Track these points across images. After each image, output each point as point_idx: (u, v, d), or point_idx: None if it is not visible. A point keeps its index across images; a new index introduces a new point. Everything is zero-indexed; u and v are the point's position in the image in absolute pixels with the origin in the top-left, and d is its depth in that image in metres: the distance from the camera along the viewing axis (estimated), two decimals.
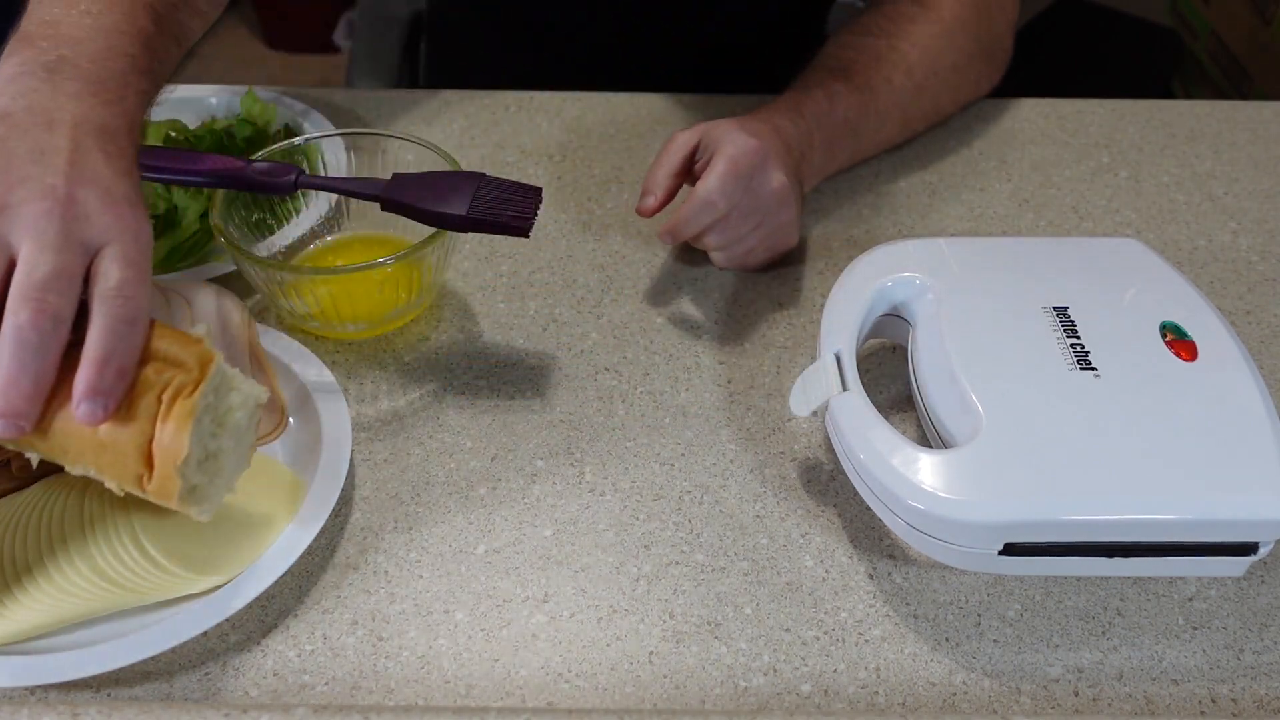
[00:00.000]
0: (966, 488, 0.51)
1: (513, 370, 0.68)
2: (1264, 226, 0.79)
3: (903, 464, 0.53)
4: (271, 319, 0.70)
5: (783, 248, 0.73)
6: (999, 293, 0.60)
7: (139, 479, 0.49)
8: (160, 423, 0.48)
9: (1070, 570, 0.55)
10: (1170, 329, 0.57)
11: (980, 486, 0.51)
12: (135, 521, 0.55)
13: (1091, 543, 0.52)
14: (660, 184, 0.69)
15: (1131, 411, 0.54)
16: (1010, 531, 0.51)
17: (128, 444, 0.48)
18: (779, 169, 0.68)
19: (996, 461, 0.52)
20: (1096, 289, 0.60)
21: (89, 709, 0.48)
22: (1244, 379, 0.55)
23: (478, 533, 0.59)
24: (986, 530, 0.51)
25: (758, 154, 0.67)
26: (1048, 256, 0.63)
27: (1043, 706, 0.52)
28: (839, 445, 0.57)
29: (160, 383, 0.49)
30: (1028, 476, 0.52)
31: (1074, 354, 0.56)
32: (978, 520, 0.51)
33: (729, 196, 0.66)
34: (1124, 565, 0.53)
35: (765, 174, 0.68)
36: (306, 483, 0.57)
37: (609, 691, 0.52)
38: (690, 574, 0.57)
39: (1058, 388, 0.55)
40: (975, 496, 0.51)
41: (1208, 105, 0.91)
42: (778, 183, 0.68)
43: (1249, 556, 0.52)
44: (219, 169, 0.64)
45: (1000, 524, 0.51)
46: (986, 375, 0.56)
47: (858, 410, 0.56)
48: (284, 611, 0.55)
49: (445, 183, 0.64)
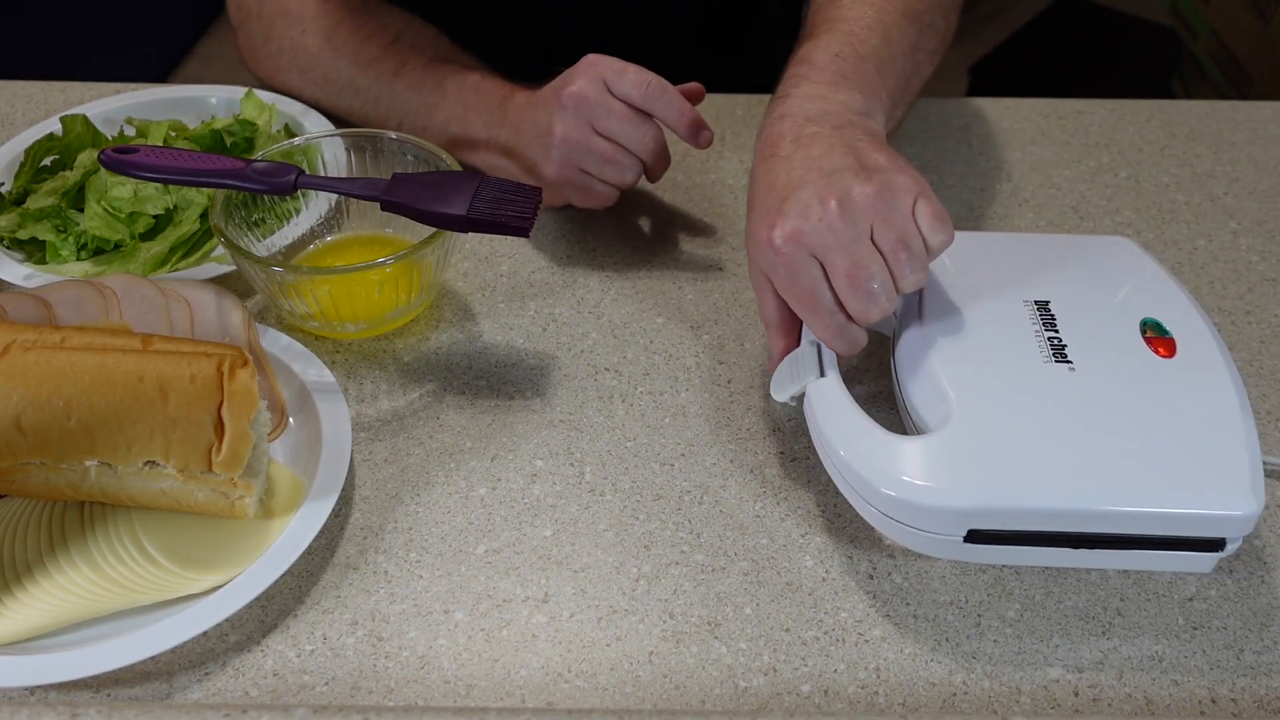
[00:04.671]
0: (931, 473, 0.52)
1: (513, 370, 0.68)
2: (1264, 226, 0.79)
3: (870, 449, 0.53)
4: (271, 319, 0.70)
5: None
6: (983, 285, 0.60)
7: (209, 451, 0.52)
8: (227, 383, 0.53)
9: (1035, 560, 0.55)
10: (1150, 326, 0.58)
11: (945, 473, 0.52)
12: (135, 521, 0.56)
13: (1055, 532, 0.52)
14: (777, 348, 0.61)
15: (1102, 405, 0.54)
16: (973, 518, 0.51)
17: (201, 413, 0.52)
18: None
19: (963, 449, 0.52)
20: (1081, 285, 0.61)
21: (89, 709, 0.48)
22: (1221, 377, 0.55)
23: (478, 533, 0.59)
24: (949, 516, 0.51)
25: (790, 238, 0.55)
26: (1037, 252, 0.64)
27: (1043, 706, 0.52)
28: (814, 431, 0.57)
29: (218, 355, 0.54)
30: (992, 464, 0.52)
31: (1050, 347, 0.56)
32: (941, 506, 0.51)
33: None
34: (1089, 557, 0.53)
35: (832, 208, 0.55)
36: (306, 483, 0.57)
37: (609, 691, 0.52)
38: (690, 574, 0.57)
39: (1030, 379, 0.55)
40: (940, 482, 0.51)
41: (1208, 105, 0.91)
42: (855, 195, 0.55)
43: (1217, 553, 0.53)
44: (219, 169, 0.64)
45: (963, 510, 0.51)
46: (961, 365, 0.56)
47: (833, 396, 0.56)
48: (284, 611, 0.55)
49: (445, 183, 0.64)
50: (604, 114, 0.68)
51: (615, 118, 0.68)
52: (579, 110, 0.68)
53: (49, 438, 0.52)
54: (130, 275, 0.64)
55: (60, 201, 0.73)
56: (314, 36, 0.81)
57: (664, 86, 0.68)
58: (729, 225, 0.79)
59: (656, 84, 0.68)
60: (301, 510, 0.56)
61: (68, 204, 0.73)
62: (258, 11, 0.84)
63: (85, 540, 0.54)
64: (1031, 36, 1.82)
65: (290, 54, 0.82)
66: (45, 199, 0.73)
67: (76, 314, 0.61)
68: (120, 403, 0.52)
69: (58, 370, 0.52)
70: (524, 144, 0.72)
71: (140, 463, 0.53)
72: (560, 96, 0.69)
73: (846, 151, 0.57)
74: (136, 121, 0.81)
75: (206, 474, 0.53)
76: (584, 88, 0.68)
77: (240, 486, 0.54)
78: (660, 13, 0.93)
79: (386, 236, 0.73)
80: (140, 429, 0.52)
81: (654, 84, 0.68)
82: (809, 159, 0.57)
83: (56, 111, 0.82)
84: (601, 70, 0.68)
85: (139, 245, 0.71)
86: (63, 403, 0.52)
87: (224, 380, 0.53)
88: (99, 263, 0.71)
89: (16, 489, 0.55)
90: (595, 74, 0.68)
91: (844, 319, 0.56)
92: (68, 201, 0.73)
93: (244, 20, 0.86)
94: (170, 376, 0.53)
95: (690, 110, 0.69)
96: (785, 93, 0.63)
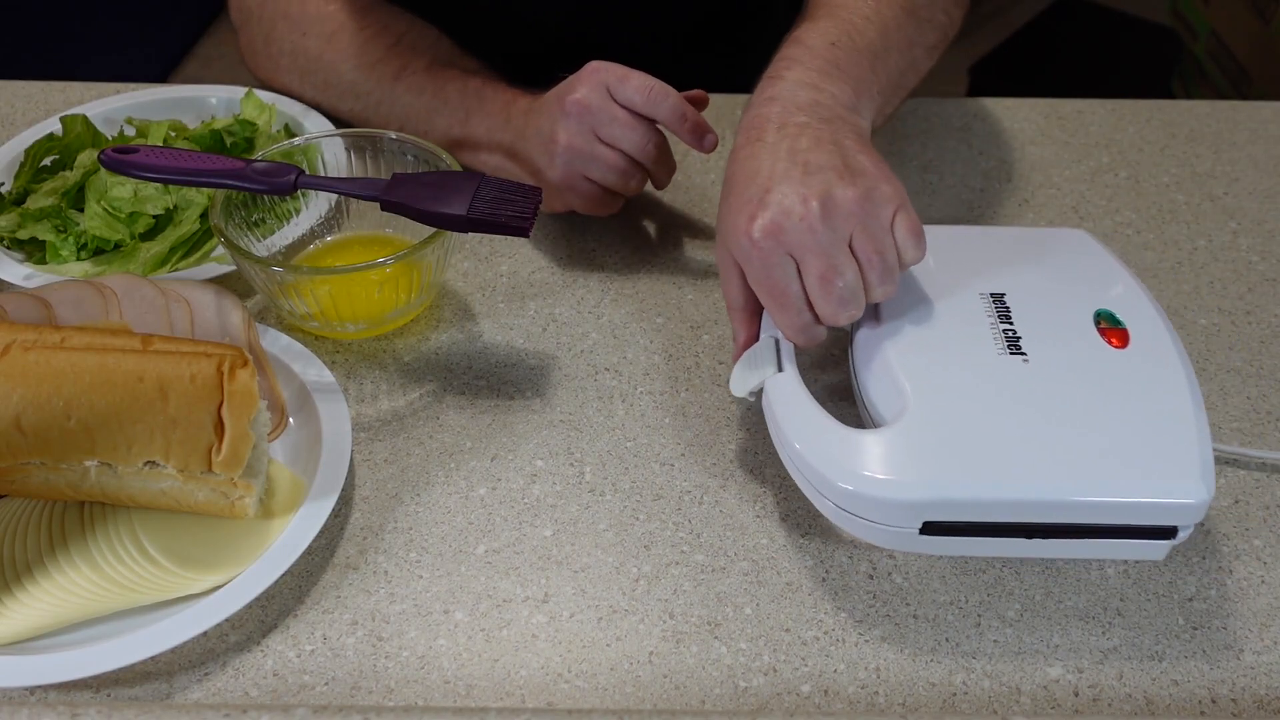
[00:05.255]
0: (886, 467, 0.52)
1: (513, 370, 0.68)
2: (1264, 226, 0.79)
3: (825, 443, 0.53)
4: (271, 319, 0.70)
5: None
6: (939, 279, 0.60)
7: (209, 451, 0.52)
8: (227, 383, 0.53)
9: (990, 551, 0.55)
10: (1104, 317, 0.58)
11: (900, 466, 0.52)
12: (135, 521, 0.56)
13: (1009, 523, 0.53)
14: (741, 335, 0.60)
15: (1055, 395, 0.54)
16: (928, 510, 0.51)
17: (201, 413, 0.52)
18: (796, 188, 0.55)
19: (917, 441, 0.53)
20: (1036, 277, 0.61)
21: (89, 709, 0.48)
22: (1173, 366, 0.56)
23: (478, 533, 0.59)
24: (905, 509, 0.51)
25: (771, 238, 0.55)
26: (994, 245, 0.64)
27: (1043, 706, 0.52)
28: (771, 426, 0.57)
29: (218, 355, 0.54)
30: (946, 456, 0.52)
31: (1005, 339, 0.57)
32: (895, 499, 0.51)
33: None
34: (1043, 546, 0.54)
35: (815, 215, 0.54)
36: (306, 483, 0.57)
37: (609, 691, 0.52)
38: (690, 574, 0.57)
39: (984, 371, 0.55)
40: (894, 475, 0.51)
41: (1208, 105, 0.91)
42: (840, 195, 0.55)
43: (1169, 540, 0.53)
44: (219, 169, 0.64)
45: (917, 502, 0.51)
46: (916, 357, 0.56)
47: (790, 390, 0.56)
48: (284, 611, 0.55)
49: (445, 183, 0.64)
50: (607, 121, 0.68)
51: (618, 125, 0.68)
52: (582, 118, 0.68)
53: (49, 438, 0.52)
54: (130, 275, 0.64)
55: (60, 201, 0.73)
56: (315, 39, 0.81)
57: (666, 91, 0.68)
58: None
59: (659, 89, 0.68)
60: (301, 510, 0.56)
61: (68, 204, 0.73)
62: (259, 14, 0.84)
63: (85, 540, 0.54)
64: (1031, 36, 1.82)
65: (291, 56, 0.82)
66: (45, 199, 0.73)
67: (76, 314, 0.61)
68: (120, 403, 0.52)
69: (58, 370, 0.52)
70: (527, 149, 0.72)
71: (140, 463, 0.53)
72: (564, 104, 0.69)
73: (833, 150, 0.57)
74: (136, 121, 0.82)
75: (206, 474, 0.53)
76: (587, 95, 0.68)
77: (240, 486, 0.54)
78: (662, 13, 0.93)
79: (386, 236, 0.73)
80: (140, 429, 0.52)
81: (656, 89, 0.68)
82: (794, 151, 0.57)
83: (56, 111, 0.82)
84: (604, 77, 0.68)
85: (139, 245, 0.71)
86: (63, 403, 0.52)
87: (224, 380, 0.53)
88: (99, 263, 0.71)
89: (16, 489, 0.55)
90: (598, 80, 0.68)
91: (810, 318, 0.56)
92: (68, 201, 0.73)
93: (245, 22, 0.86)
94: (170, 376, 0.53)
95: (693, 114, 0.69)
96: (777, 74, 0.62)
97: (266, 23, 0.83)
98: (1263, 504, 0.60)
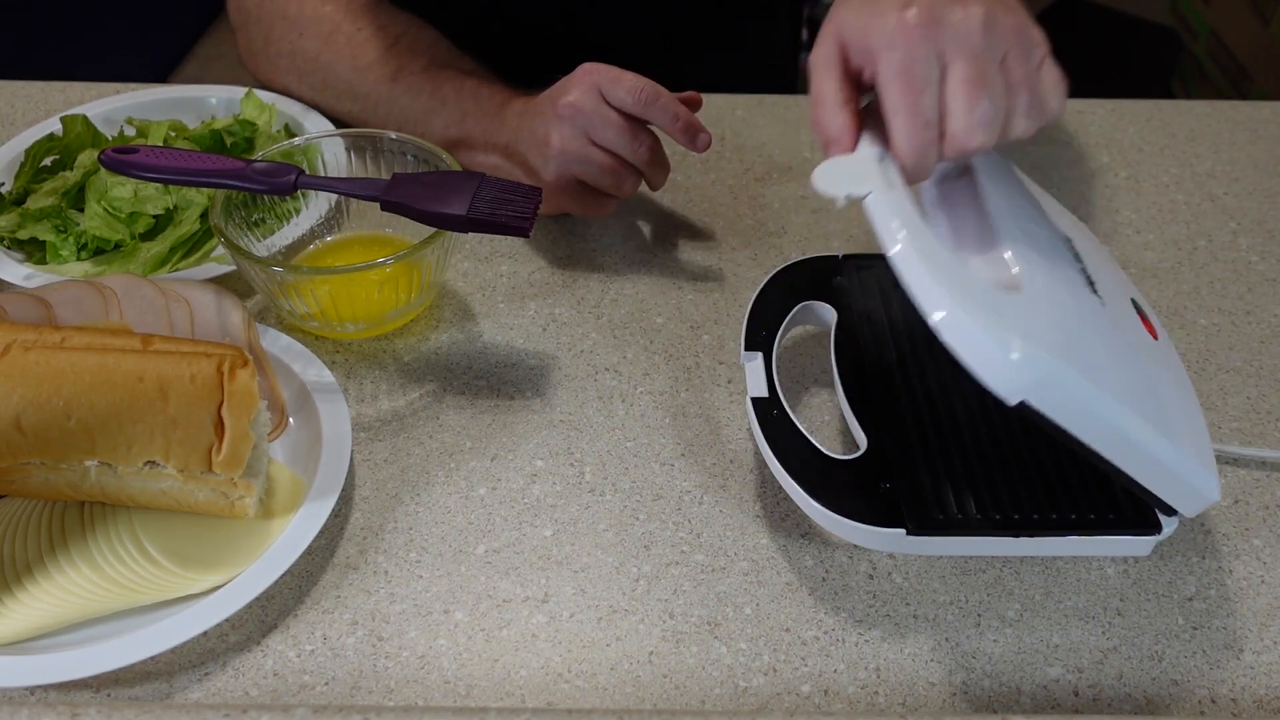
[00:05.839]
0: (1012, 329, 0.49)
1: (513, 370, 0.68)
2: (1264, 226, 0.79)
3: (932, 260, 0.48)
4: (271, 319, 0.70)
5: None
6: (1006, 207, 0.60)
7: (209, 451, 0.52)
8: (227, 383, 0.53)
9: (977, 550, 0.56)
10: (1137, 306, 0.58)
11: (1024, 331, 0.49)
12: (135, 521, 0.56)
13: (997, 520, 0.53)
14: (838, 125, 0.54)
15: (1130, 345, 0.55)
16: (1038, 368, 0.49)
17: (201, 413, 0.52)
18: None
19: (1033, 311, 0.50)
20: (1085, 239, 0.61)
21: (89, 709, 0.48)
22: (1181, 370, 0.57)
23: (478, 533, 0.59)
24: (1017, 365, 0.49)
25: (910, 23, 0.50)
26: (1047, 201, 0.64)
27: (1043, 706, 0.52)
28: (764, 451, 0.56)
29: (218, 355, 0.54)
30: (1057, 334, 0.50)
31: (1085, 279, 0.57)
32: (1016, 355, 0.48)
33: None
34: (1029, 545, 0.54)
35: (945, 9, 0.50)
36: (306, 483, 0.57)
37: (609, 691, 0.52)
38: (690, 574, 0.57)
39: (1080, 294, 0.55)
40: (1020, 336, 0.49)
41: (1208, 105, 0.91)
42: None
43: (1154, 535, 0.53)
44: (219, 169, 0.64)
45: (1029, 358, 0.48)
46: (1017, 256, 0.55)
47: (896, 207, 0.51)
48: (284, 611, 0.55)
49: (445, 183, 0.64)
50: (600, 124, 0.68)
51: (611, 128, 0.68)
52: (575, 121, 0.68)
53: (49, 438, 0.52)
54: (130, 275, 0.64)
55: (60, 201, 0.73)
56: (312, 40, 0.81)
57: (658, 92, 0.68)
58: (729, 226, 0.79)
59: (650, 90, 0.68)
60: (301, 510, 0.56)
61: (68, 204, 0.73)
62: (257, 14, 0.84)
63: (85, 540, 0.54)
64: None
65: (289, 57, 0.82)
66: (45, 199, 0.73)
67: (76, 314, 0.61)
68: (120, 403, 0.52)
69: (58, 370, 0.52)
70: (522, 150, 0.72)
71: (140, 463, 0.53)
72: (556, 107, 0.69)
73: None
74: (136, 121, 0.82)
75: (206, 474, 0.53)
76: (579, 98, 0.68)
77: (240, 486, 0.54)
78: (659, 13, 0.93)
79: (386, 236, 0.73)
80: (140, 429, 0.52)
81: (648, 90, 0.68)
82: None
83: (56, 111, 0.82)
84: (596, 79, 0.68)
85: (139, 245, 0.71)
86: (63, 403, 0.52)
87: (224, 380, 0.53)
88: (99, 263, 0.71)
89: (16, 489, 0.55)
90: (590, 83, 0.68)
91: (935, 134, 0.50)
92: (68, 201, 0.73)
93: (243, 23, 0.86)
94: (170, 376, 0.53)
95: (685, 114, 0.69)
96: None
97: (265, 24, 0.83)
98: (1263, 504, 0.60)
